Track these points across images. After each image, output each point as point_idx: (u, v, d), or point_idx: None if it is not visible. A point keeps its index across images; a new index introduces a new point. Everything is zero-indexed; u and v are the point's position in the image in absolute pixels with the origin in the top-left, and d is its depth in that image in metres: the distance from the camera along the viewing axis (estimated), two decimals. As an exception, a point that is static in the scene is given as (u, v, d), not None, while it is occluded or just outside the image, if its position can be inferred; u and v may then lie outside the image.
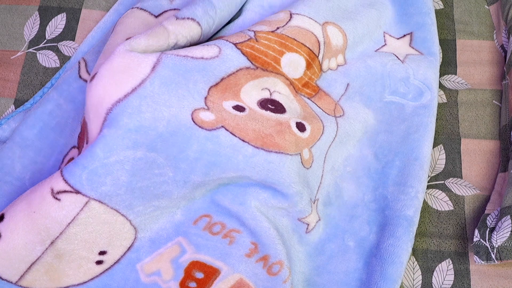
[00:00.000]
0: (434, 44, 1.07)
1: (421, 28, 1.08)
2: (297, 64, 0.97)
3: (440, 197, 1.02)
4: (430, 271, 0.97)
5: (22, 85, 1.11)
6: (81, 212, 0.81)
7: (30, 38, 1.15)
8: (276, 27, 0.97)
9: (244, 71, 0.91)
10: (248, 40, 0.93)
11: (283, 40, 0.96)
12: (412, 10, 1.09)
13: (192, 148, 0.82)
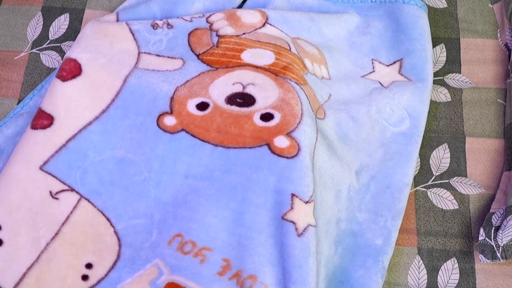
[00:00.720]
0: (424, 71, 1.03)
1: (411, 55, 1.05)
2: (262, 54, 1.00)
3: (445, 196, 1.02)
4: (435, 270, 0.97)
5: (26, 86, 1.10)
6: (73, 211, 0.88)
7: (34, 39, 1.15)
8: (243, 33, 1.02)
9: (205, 73, 0.96)
10: (210, 48, 1.00)
11: (243, 41, 1.01)
12: (402, 37, 1.07)
13: (159, 148, 0.91)
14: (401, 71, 1.05)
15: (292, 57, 1.00)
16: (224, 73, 0.96)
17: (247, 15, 1.04)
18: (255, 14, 1.05)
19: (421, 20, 1.07)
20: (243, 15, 1.04)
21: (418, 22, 1.07)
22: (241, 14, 1.05)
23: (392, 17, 1.09)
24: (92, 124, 0.93)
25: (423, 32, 1.06)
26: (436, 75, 1.11)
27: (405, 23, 1.07)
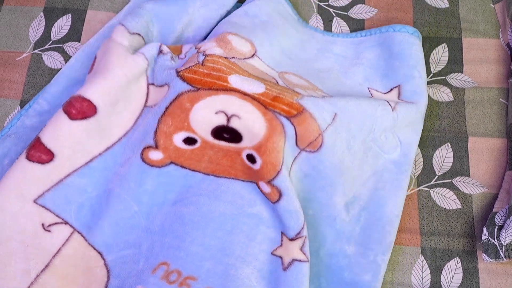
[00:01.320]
0: (423, 97, 1.01)
1: (410, 81, 1.01)
2: (251, 81, 0.91)
3: (448, 196, 1.02)
4: (438, 270, 0.97)
5: (28, 87, 1.10)
6: (66, 243, 0.86)
7: (36, 40, 1.14)
8: (232, 56, 0.96)
9: (184, 95, 0.88)
10: (194, 65, 0.92)
11: (232, 65, 0.93)
12: (398, 63, 1.03)
13: (148, 183, 0.89)
14: (401, 97, 1.01)
15: (282, 87, 0.94)
16: (206, 96, 0.88)
17: (238, 41, 0.98)
18: (246, 44, 0.99)
19: (415, 47, 1.04)
20: (234, 40, 0.97)
21: (412, 48, 1.04)
22: (232, 39, 0.98)
23: (384, 46, 1.06)
24: (93, 161, 0.90)
25: (418, 59, 1.04)
26: (439, 75, 1.11)
27: (399, 50, 1.04)
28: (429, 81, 1.10)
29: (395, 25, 1.07)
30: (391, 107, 0.96)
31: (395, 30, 1.06)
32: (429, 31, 1.14)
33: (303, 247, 0.85)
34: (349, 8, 1.17)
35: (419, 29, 1.14)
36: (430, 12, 1.16)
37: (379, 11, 1.16)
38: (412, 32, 1.06)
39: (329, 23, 1.16)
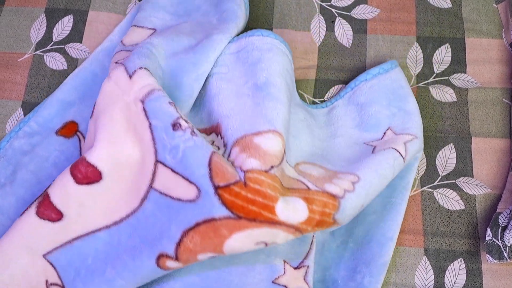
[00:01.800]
0: (415, 124, 0.98)
1: (394, 119, 0.97)
2: (295, 206, 0.79)
3: (451, 197, 1.01)
4: (442, 271, 0.96)
5: (30, 88, 1.10)
6: None
7: (37, 40, 1.14)
8: (271, 166, 0.81)
9: (223, 221, 0.76)
10: (234, 183, 0.77)
11: (276, 183, 0.80)
12: (374, 109, 0.99)
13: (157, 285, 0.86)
14: (397, 134, 0.97)
15: (327, 199, 0.82)
16: (248, 227, 0.76)
17: (267, 141, 0.83)
18: (275, 139, 0.84)
19: (377, 88, 1.01)
20: (263, 142, 0.83)
21: (377, 92, 1.01)
22: (260, 142, 0.83)
23: (352, 103, 1.03)
24: (101, 231, 0.85)
25: (389, 94, 1.00)
26: (442, 75, 1.11)
27: (365, 100, 1.01)
28: (432, 82, 1.10)
29: (353, 81, 1.04)
30: (403, 157, 0.93)
31: (355, 85, 1.03)
32: (432, 31, 1.14)
33: (306, 277, 0.84)
34: (352, 8, 1.16)
35: (421, 29, 1.14)
36: (433, 12, 1.16)
37: (381, 11, 1.16)
38: (365, 78, 1.03)
39: (331, 24, 1.15)
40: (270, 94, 0.88)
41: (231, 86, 0.93)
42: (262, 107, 0.87)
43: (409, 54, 1.12)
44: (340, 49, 1.14)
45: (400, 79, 1.03)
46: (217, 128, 0.90)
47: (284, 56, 0.96)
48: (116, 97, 0.85)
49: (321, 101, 1.09)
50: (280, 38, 0.97)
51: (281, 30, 1.15)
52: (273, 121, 0.85)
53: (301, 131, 0.98)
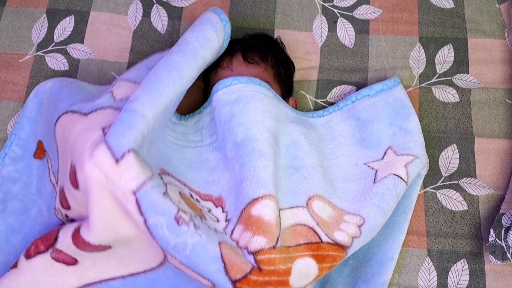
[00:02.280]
0: (417, 143, 0.98)
1: (395, 138, 0.98)
2: (307, 271, 0.82)
3: (454, 197, 1.01)
4: (445, 272, 0.96)
5: (31, 89, 1.10)
6: None
7: (38, 41, 1.14)
8: (276, 238, 0.82)
9: None
10: (250, 272, 0.78)
11: (286, 256, 0.81)
12: (375, 127, 0.99)
13: None
14: (399, 154, 0.96)
15: (333, 254, 0.85)
16: None
17: (265, 211, 0.83)
18: (271, 205, 0.83)
19: (381, 104, 1.00)
20: (262, 213, 0.83)
21: (380, 109, 1.00)
22: (259, 213, 0.83)
23: (352, 117, 1.02)
24: (115, 280, 0.85)
25: (392, 112, 1.00)
26: (444, 75, 1.10)
27: (367, 116, 1.00)
28: (435, 82, 1.10)
29: (354, 94, 1.02)
30: (405, 182, 0.93)
31: (357, 99, 1.02)
32: (435, 32, 1.14)
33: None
34: (354, 9, 1.16)
35: (424, 29, 1.14)
36: (436, 12, 1.15)
37: (384, 11, 1.16)
38: (368, 93, 1.02)
39: (333, 25, 1.15)
40: (253, 151, 0.87)
41: (221, 154, 0.91)
42: (249, 167, 0.85)
43: (411, 55, 1.12)
44: (342, 50, 1.13)
45: (402, 97, 1.02)
46: (219, 201, 0.88)
47: (256, 96, 0.92)
48: (101, 186, 0.76)
49: (323, 101, 1.09)
50: (244, 79, 0.93)
51: (283, 30, 1.14)
52: (264, 183, 0.84)
53: (310, 155, 0.94)
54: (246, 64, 1.00)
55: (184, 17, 1.16)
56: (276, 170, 0.88)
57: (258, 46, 1.03)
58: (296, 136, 0.95)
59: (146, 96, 0.81)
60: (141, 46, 1.14)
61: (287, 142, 0.93)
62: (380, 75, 1.11)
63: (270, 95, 0.95)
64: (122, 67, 1.12)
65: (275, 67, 1.02)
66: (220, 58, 1.01)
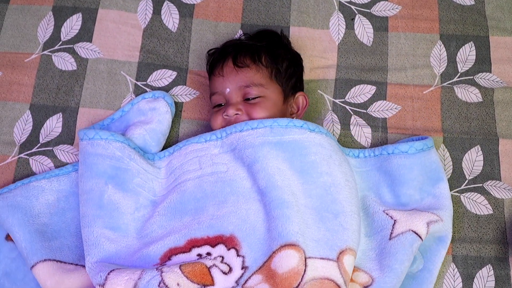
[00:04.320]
0: (444, 208, 0.93)
1: (422, 202, 0.94)
2: None
3: (479, 201, 0.98)
4: (470, 278, 0.94)
5: (38, 89, 1.06)
6: None
7: (45, 40, 1.10)
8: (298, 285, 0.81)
9: None
10: None
11: None
12: (404, 190, 0.95)
13: None
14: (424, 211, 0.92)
15: None
16: None
17: (282, 262, 0.82)
18: (291, 256, 0.82)
19: (416, 167, 0.95)
20: (278, 266, 0.82)
21: (413, 171, 0.95)
22: (276, 266, 0.82)
23: (382, 171, 0.97)
24: None
25: (424, 177, 0.95)
26: (466, 74, 1.07)
27: (399, 175, 0.95)
28: (457, 81, 1.07)
29: (392, 146, 0.97)
30: (422, 239, 0.89)
31: (394, 153, 0.96)
32: (455, 29, 1.10)
33: None
34: (372, 5, 1.12)
35: (444, 27, 1.10)
36: (456, 9, 1.12)
37: (403, 8, 1.12)
38: (408, 149, 0.96)
39: (351, 22, 1.11)
40: (274, 200, 0.86)
41: (237, 190, 0.90)
42: (273, 216, 0.85)
43: (432, 53, 1.09)
44: (360, 48, 1.10)
45: (437, 161, 0.96)
46: (232, 241, 0.85)
47: (280, 144, 0.90)
48: None
49: (341, 101, 1.05)
50: (267, 122, 0.91)
51: (298, 28, 1.11)
52: (286, 233, 0.83)
53: (349, 201, 0.89)
54: (236, 69, 0.97)
55: (196, 15, 1.12)
56: (303, 216, 0.86)
57: (251, 47, 0.99)
58: (337, 177, 0.90)
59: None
60: (152, 44, 1.10)
61: (327, 182, 0.89)
62: (401, 74, 1.07)
63: (299, 138, 0.91)
64: (132, 66, 1.08)
65: (271, 65, 0.98)
66: (213, 65, 1.00)
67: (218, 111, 0.97)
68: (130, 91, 1.06)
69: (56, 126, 1.04)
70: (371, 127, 1.04)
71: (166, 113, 1.01)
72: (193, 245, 0.85)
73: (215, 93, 0.98)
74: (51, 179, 0.97)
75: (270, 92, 0.96)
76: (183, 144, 0.95)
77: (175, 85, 1.07)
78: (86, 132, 0.93)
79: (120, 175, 0.91)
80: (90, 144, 0.92)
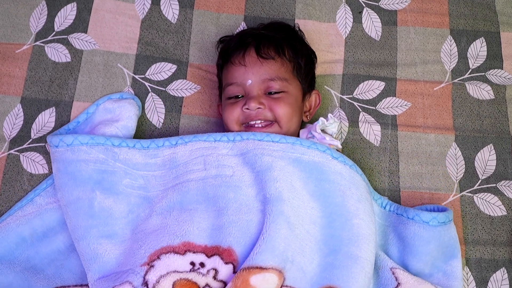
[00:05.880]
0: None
1: (430, 279, 0.87)
2: None
3: (492, 202, 0.95)
4: (484, 282, 0.90)
5: (30, 82, 1.00)
6: None
7: (37, 30, 1.04)
8: None
9: None
10: None
11: None
12: (414, 260, 0.87)
13: None
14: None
15: None
16: None
17: (261, 284, 0.76)
18: (270, 282, 0.77)
19: (433, 243, 0.86)
20: (256, 284, 0.76)
21: (429, 246, 0.86)
22: (256, 284, 0.76)
23: (397, 232, 0.89)
24: None
25: (438, 253, 0.87)
26: (477, 71, 1.04)
27: (412, 244, 0.87)
28: (468, 78, 1.03)
29: (413, 210, 0.87)
30: None
31: (414, 219, 0.87)
32: (466, 24, 1.07)
33: None
34: (380, -2, 1.09)
35: (455, 21, 1.07)
36: (466, 4, 1.08)
37: (412, 1, 1.09)
38: (430, 220, 0.86)
39: (358, 15, 1.07)
40: (278, 213, 0.80)
41: (240, 197, 0.84)
42: (268, 229, 0.79)
43: (443, 48, 1.05)
44: (368, 42, 1.06)
45: (454, 237, 0.88)
46: (230, 255, 0.79)
47: (298, 161, 0.84)
48: None
49: (349, 97, 1.01)
50: (290, 139, 0.85)
51: (304, 21, 1.06)
52: (278, 253, 0.77)
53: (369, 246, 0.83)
54: (260, 61, 0.91)
55: (196, 5, 1.07)
56: (302, 242, 0.80)
57: (273, 38, 0.94)
58: (350, 212, 0.83)
59: None
60: (150, 36, 1.05)
61: (335, 214, 0.83)
62: (410, 70, 1.04)
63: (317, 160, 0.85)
64: (129, 59, 1.03)
65: (293, 60, 0.93)
66: (231, 53, 0.93)
67: (235, 103, 0.91)
68: (128, 84, 1.01)
69: (49, 121, 0.98)
70: (380, 125, 1.00)
71: (135, 111, 0.95)
72: (188, 249, 0.79)
73: (233, 83, 0.91)
74: (16, 214, 0.90)
75: (292, 88, 0.91)
76: (190, 139, 0.88)
77: (175, 79, 1.02)
78: (62, 138, 0.86)
79: (107, 178, 0.85)
80: (70, 151, 0.86)
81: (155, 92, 1.01)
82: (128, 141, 0.89)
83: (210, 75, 1.03)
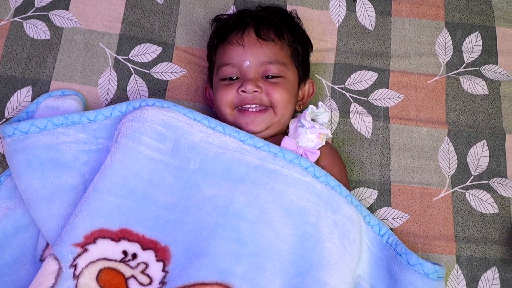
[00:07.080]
0: None
1: None
2: None
3: (484, 199, 0.92)
4: (475, 281, 0.88)
5: (6, 59, 0.95)
6: None
7: (16, 6, 0.99)
8: None
9: None
10: None
11: None
12: None
13: None
14: None
15: None
16: None
17: None
18: None
19: None
20: None
21: None
22: None
23: (390, 272, 0.81)
24: None
25: None
26: (472, 65, 1.01)
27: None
28: (462, 72, 1.01)
29: (412, 255, 0.79)
30: None
31: (409, 263, 0.79)
32: (461, 17, 1.05)
33: None
34: (374, -12, 1.06)
35: (450, 14, 1.05)
36: (462, -3, 1.06)
37: (407, -9, 1.06)
38: (431, 272, 0.78)
39: (352, 4, 1.04)
40: (230, 228, 0.74)
41: (195, 196, 0.77)
42: (212, 243, 0.73)
43: (437, 41, 1.02)
44: (362, 32, 1.03)
45: None
46: (164, 253, 0.74)
47: (275, 173, 0.77)
48: None
49: (340, 87, 0.98)
50: (281, 152, 0.79)
51: (296, 7, 1.03)
52: (229, 272, 0.72)
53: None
54: (260, 42, 0.87)
55: (185, -13, 1.03)
56: (265, 259, 0.74)
57: (273, 21, 0.90)
58: (324, 235, 0.77)
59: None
60: (135, 16, 1.00)
61: (307, 234, 0.76)
62: (404, 62, 1.01)
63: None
64: (112, 38, 0.98)
65: (292, 45, 0.90)
66: (229, 32, 0.89)
67: (229, 85, 0.86)
68: (110, 65, 0.96)
69: (25, 100, 0.93)
70: (372, 116, 0.97)
71: (80, 108, 0.90)
72: (124, 235, 0.74)
73: (229, 64, 0.86)
74: None
75: (290, 74, 0.87)
76: (169, 105, 0.80)
77: (159, 61, 0.98)
78: (18, 126, 0.80)
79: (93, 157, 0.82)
80: (46, 135, 0.81)
81: (138, 74, 0.97)
82: (103, 110, 0.82)
83: (197, 59, 0.99)
